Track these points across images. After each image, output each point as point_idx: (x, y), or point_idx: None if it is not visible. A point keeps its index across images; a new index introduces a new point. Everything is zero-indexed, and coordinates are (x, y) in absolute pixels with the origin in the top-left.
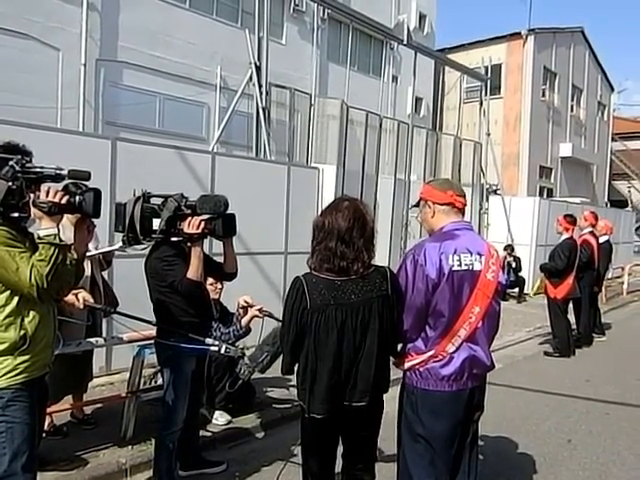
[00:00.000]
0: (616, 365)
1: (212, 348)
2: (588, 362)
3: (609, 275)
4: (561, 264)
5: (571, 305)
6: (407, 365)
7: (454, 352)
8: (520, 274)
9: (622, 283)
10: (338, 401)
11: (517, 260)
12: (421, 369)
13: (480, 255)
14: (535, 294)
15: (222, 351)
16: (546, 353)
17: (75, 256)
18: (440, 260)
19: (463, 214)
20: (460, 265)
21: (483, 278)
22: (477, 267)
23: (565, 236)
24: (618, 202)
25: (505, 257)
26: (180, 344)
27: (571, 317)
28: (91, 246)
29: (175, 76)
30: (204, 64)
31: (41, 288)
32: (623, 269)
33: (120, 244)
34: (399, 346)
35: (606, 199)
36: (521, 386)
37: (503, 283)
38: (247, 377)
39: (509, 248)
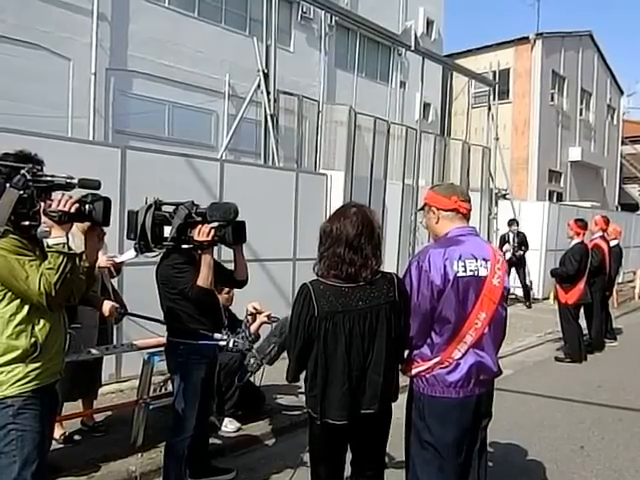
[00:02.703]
0: (628, 370)
1: (221, 343)
2: (600, 367)
3: (619, 279)
4: (572, 269)
5: (582, 310)
6: (414, 372)
7: (460, 358)
8: (527, 270)
9: (634, 287)
10: (353, 408)
11: (521, 235)
12: (427, 376)
13: (486, 261)
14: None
15: (230, 345)
16: (557, 359)
17: (87, 264)
18: (445, 266)
19: (468, 219)
20: (465, 271)
21: (489, 284)
22: (483, 273)
23: (576, 241)
24: (629, 206)
25: (508, 233)
26: (191, 341)
27: (582, 322)
28: (100, 253)
29: (184, 84)
30: (213, 72)
31: (49, 296)
32: (635, 273)
33: (132, 252)
34: (405, 352)
35: (617, 203)
36: (532, 392)
37: (508, 287)
38: (255, 369)
39: (514, 222)
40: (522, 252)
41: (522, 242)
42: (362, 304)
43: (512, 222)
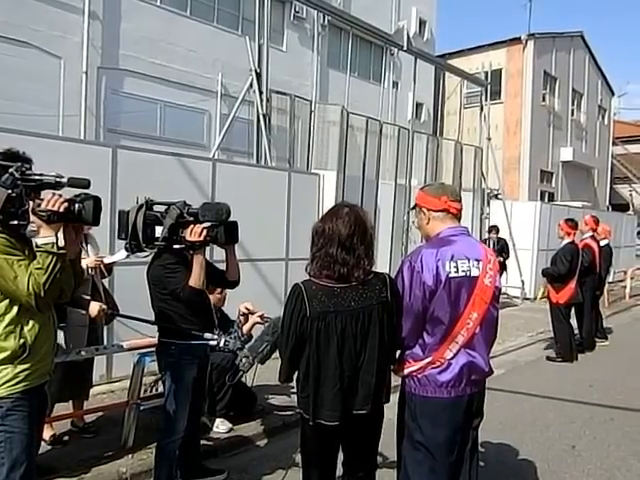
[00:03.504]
0: (619, 370)
1: (211, 342)
2: (591, 367)
3: (610, 279)
4: (563, 269)
5: (573, 310)
6: (405, 372)
7: (452, 358)
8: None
9: (624, 287)
10: (345, 408)
11: (502, 242)
12: (419, 376)
13: (478, 261)
14: (541, 298)
15: (221, 344)
16: (548, 358)
17: (72, 257)
18: (437, 267)
19: (459, 219)
20: (457, 271)
21: (481, 284)
22: (475, 273)
23: (567, 240)
24: (620, 206)
25: (489, 238)
26: (182, 341)
27: (573, 322)
28: (91, 253)
29: (176, 83)
30: (205, 71)
31: (38, 296)
32: (625, 273)
33: (124, 252)
34: (397, 353)
35: (607, 203)
36: (523, 391)
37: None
38: (247, 368)
39: (494, 229)
40: (502, 259)
41: (502, 249)
42: (354, 304)
43: (492, 229)
